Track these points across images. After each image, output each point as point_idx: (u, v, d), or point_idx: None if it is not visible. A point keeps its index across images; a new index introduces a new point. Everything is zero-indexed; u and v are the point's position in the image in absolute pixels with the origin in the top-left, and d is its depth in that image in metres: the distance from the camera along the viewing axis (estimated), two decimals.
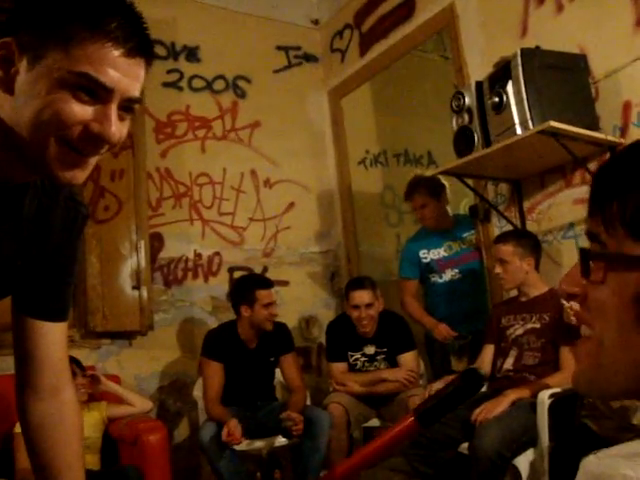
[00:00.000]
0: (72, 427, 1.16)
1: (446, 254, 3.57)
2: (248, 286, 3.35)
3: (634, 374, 0.55)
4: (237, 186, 4.25)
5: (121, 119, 0.88)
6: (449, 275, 3.54)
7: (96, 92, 0.83)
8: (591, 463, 0.43)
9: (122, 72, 0.84)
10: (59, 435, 1.14)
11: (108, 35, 0.82)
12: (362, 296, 3.38)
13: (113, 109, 0.85)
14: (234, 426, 2.92)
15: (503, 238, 2.93)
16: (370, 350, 3.48)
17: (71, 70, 0.81)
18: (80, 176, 0.89)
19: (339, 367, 3.48)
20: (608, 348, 0.57)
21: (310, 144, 4.59)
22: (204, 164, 4.16)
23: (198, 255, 4.05)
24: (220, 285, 4.03)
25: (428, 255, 3.59)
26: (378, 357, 3.47)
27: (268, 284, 3.40)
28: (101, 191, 3.51)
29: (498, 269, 2.89)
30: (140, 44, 0.86)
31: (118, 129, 0.87)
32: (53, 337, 1.12)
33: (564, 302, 2.47)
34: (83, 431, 1.22)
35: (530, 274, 2.85)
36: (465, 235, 3.59)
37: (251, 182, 4.31)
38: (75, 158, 0.87)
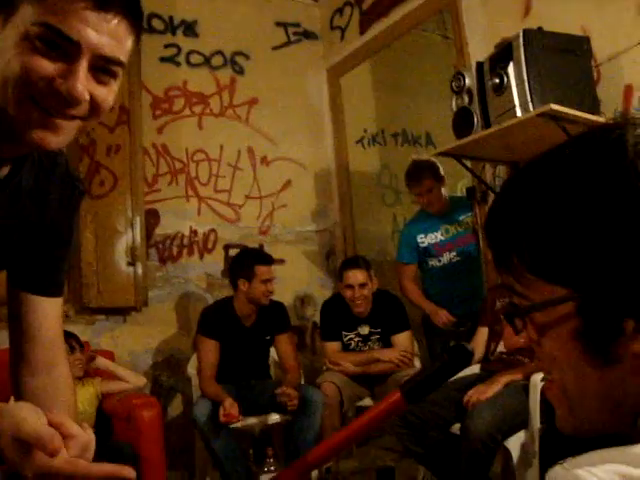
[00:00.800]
0: (66, 402, 1.16)
1: (443, 238, 3.56)
2: (248, 261, 3.35)
3: (604, 407, 0.55)
4: (234, 163, 4.23)
5: (99, 82, 0.83)
6: (447, 258, 3.55)
7: (61, 46, 0.79)
8: (557, 473, 0.43)
9: (91, 26, 0.78)
10: (52, 410, 1.13)
11: None
12: (356, 276, 3.39)
13: (81, 66, 0.80)
14: (230, 405, 2.94)
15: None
16: (364, 330, 3.48)
17: (34, 21, 0.77)
18: (52, 140, 0.84)
19: (333, 346, 3.49)
20: (571, 391, 0.56)
21: (308, 122, 4.55)
22: (201, 140, 4.13)
23: (194, 232, 4.03)
24: (215, 262, 4.03)
25: (425, 239, 3.59)
26: (372, 337, 3.48)
27: (268, 260, 3.40)
28: (96, 166, 3.48)
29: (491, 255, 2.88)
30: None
31: (88, 88, 0.81)
32: (48, 312, 1.11)
33: None
34: (77, 407, 1.22)
35: None
36: (462, 217, 3.59)
37: (248, 159, 4.28)
38: (42, 117, 0.82)
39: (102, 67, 0.82)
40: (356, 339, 3.49)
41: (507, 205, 0.56)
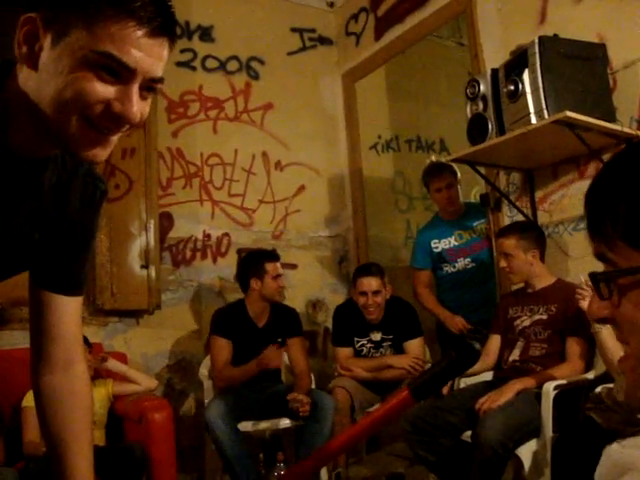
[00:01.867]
0: (83, 401, 1.18)
1: (457, 243, 3.56)
2: (256, 260, 3.38)
3: None
4: (248, 168, 4.25)
5: (143, 98, 0.88)
6: (461, 265, 3.54)
7: (118, 72, 0.83)
8: (615, 451, 0.43)
9: (145, 52, 0.83)
10: (69, 407, 1.15)
11: (132, 14, 0.81)
12: (370, 283, 3.38)
13: (135, 89, 0.85)
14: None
15: (505, 232, 2.91)
16: (376, 336, 3.48)
17: (94, 50, 0.80)
18: (102, 154, 0.89)
19: (345, 352, 3.48)
20: None
21: (322, 127, 4.56)
22: (215, 145, 4.15)
23: (207, 236, 4.05)
24: (228, 266, 4.04)
25: (439, 245, 3.58)
26: (384, 344, 3.47)
27: (275, 256, 3.44)
28: (112, 169, 3.51)
29: (503, 263, 2.87)
30: (164, 24, 0.85)
31: (139, 109, 0.87)
32: (68, 311, 1.13)
33: (581, 278, 2.44)
34: (93, 405, 1.24)
35: (535, 266, 2.83)
36: (475, 224, 3.58)
37: (262, 164, 4.30)
38: (96, 136, 0.86)
39: (148, 86, 0.87)
40: (368, 345, 3.48)
41: (608, 178, 0.59)
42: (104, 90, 0.83)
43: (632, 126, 2.76)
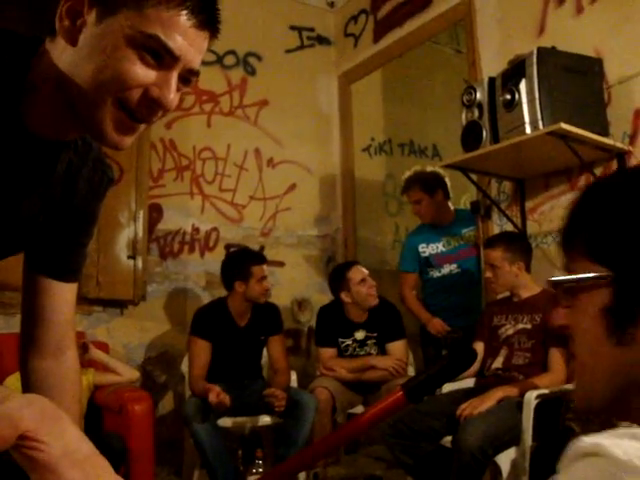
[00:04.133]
0: (72, 387, 1.17)
1: (444, 249, 3.58)
2: (242, 262, 3.34)
3: (611, 385, 0.62)
4: (240, 163, 4.24)
5: (177, 89, 0.88)
6: (447, 270, 3.56)
7: (162, 57, 0.83)
8: (578, 441, 0.45)
9: (189, 42, 0.84)
10: (59, 394, 1.14)
11: (184, 3, 0.82)
12: (362, 269, 3.45)
13: (175, 76, 0.85)
14: (219, 391, 2.93)
15: (492, 243, 2.91)
16: (360, 335, 3.48)
17: (142, 31, 0.81)
18: (127, 141, 0.89)
19: (328, 352, 3.48)
20: (587, 365, 0.65)
21: (316, 127, 4.56)
22: (209, 139, 4.14)
23: (196, 229, 4.04)
24: (216, 261, 4.01)
25: (427, 250, 3.60)
26: (368, 342, 3.48)
27: (261, 259, 3.40)
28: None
29: (488, 273, 2.88)
30: (210, 18, 0.86)
31: (175, 97, 0.87)
32: (63, 297, 1.12)
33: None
34: (82, 393, 1.23)
35: (520, 277, 2.84)
36: (464, 231, 3.60)
37: (254, 160, 4.29)
38: (129, 123, 0.86)
39: (184, 77, 0.88)
40: (353, 344, 3.49)
41: (587, 201, 0.67)
42: (145, 74, 0.83)
43: (624, 141, 2.79)
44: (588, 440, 0.50)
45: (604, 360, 0.62)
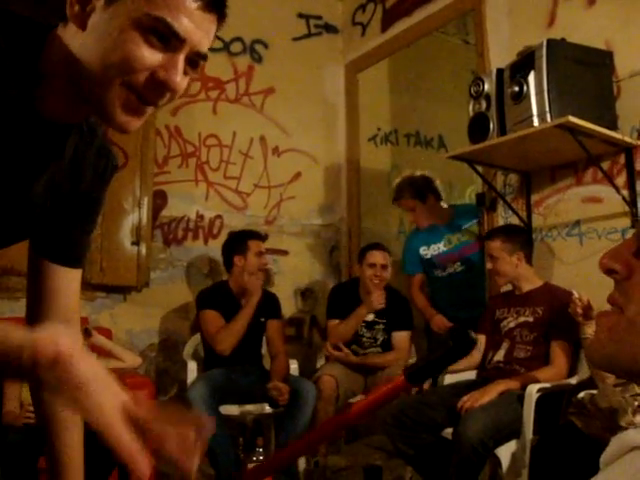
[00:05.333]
0: None
1: (446, 249, 3.57)
2: (240, 238, 3.44)
3: None
4: (245, 151, 4.23)
5: (185, 73, 0.88)
6: (452, 269, 3.56)
7: (168, 39, 0.84)
8: (628, 435, 0.42)
9: (196, 24, 0.85)
10: None
11: None
12: (379, 256, 3.50)
13: (181, 58, 0.86)
14: None
15: (491, 234, 2.94)
16: (369, 316, 3.51)
17: (148, 13, 0.82)
18: (135, 124, 0.89)
19: (336, 322, 3.54)
20: (633, 315, 0.57)
21: (322, 116, 4.54)
22: (214, 126, 4.13)
23: (200, 216, 4.04)
24: (219, 248, 4.01)
25: (428, 251, 3.61)
26: (376, 326, 3.52)
27: (258, 235, 3.50)
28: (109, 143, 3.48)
29: (489, 264, 2.90)
30: (215, 1, 0.87)
31: (182, 80, 0.87)
32: (68, 282, 1.12)
33: (574, 293, 2.46)
34: None
35: (521, 268, 2.84)
36: (466, 225, 3.58)
37: (260, 148, 4.28)
38: (136, 104, 0.87)
39: (192, 60, 0.88)
40: (361, 324, 3.51)
41: None
42: (151, 56, 0.83)
43: (633, 135, 2.76)
44: (633, 434, 0.46)
45: None
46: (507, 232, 2.91)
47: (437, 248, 3.59)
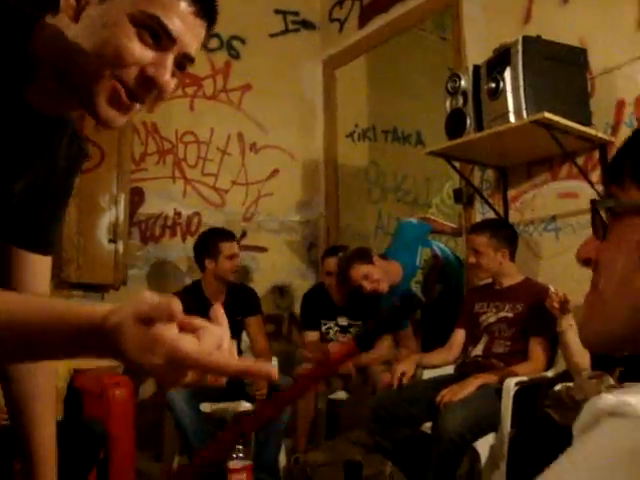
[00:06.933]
0: (48, 366, 1.16)
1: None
2: (211, 239, 3.35)
3: (631, 318, 0.59)
4: (223, 148, 4.21)
5: (172, 74, 0.90)
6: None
7: (160, 38, 0.86)
8: (602, 401, 0.42)
9: (187, 26, 0.88)
10: (35, 373, 1.13)
11: None
12: (335, 263, 3.45)
13: (171, 58, 0.88)
14: None
15: (478, 229, 2.92)
16: (343, 321, 3.50)
17: (144, 10, 0.84)
18: (120, 119, 0.90)
19: (311, 336, 3.51)
20: (608, 296, 0.61)
21: (300, 112, 4.54)
22: (191, 122, 4.11)
23: (178, 214, 4.01)
24: None
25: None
26: (351, 329, 3.50)
27: (231, 236, 3.40)
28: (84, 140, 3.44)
29: (472, 259, 2.89)
30: (209, 8, 0.92)
31: (170, 79, 0.90)
32: (38, 270, 1.11)
33: (551, 288, 2.50)
34: (61, 375, 1.23)
35: (504, 265, 2.85)
36: (418, 263, 3.46)
37: (237, 145, 4.27)
38: (124, 100, 0.88)
39: (180, 62, 0.91)
40: (335, 329, 3.51)
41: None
42: (142, 52, 0.86)
43: (607, 132, 2.81)
44: (612, 398, 0.46)
45: (632, 293, 0.59)
46: (494, 228, 2.90)
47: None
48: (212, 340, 0.70)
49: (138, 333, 0.63)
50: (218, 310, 0.75)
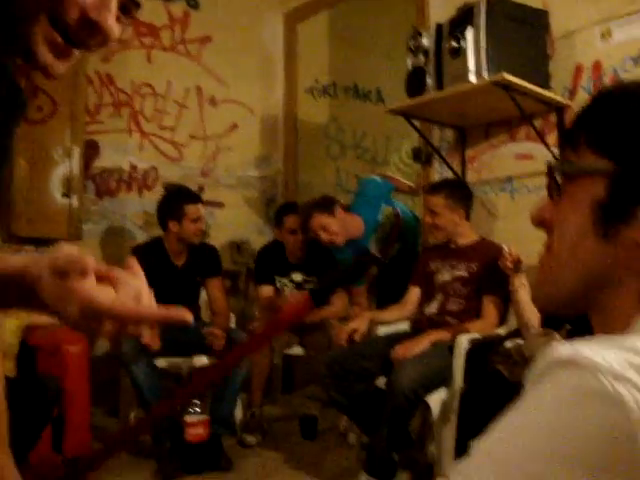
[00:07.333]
0: None
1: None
2: (176, 201, 3.29)
3: (580, 274, 0.62)
4: (181, 101, 4.12)
5: (118, 20, 0.84)
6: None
7: None
8: (556, 350, 0.44)
9: None
10: None
11: None
12: (294, 220, 3.44)
13: (114, 2, 0.82)
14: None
15: (435, 189, 2.93)
16: (297, 277, 3.52)
17: None
18: (60, 67, 0.84)
19: (266, 290, 3.52)
20: (560, 256, 0.64)
21: (260, 66, 4.46)
22: (148, 74, 4.00)
23: (134, 167, 3.93)
24: (154, 200, 3.89)
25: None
26: (306, 285, 3.52)
27: (196, 198, 3.36)
28: (34, 89, 3.31)
29: (428, 219, 2.91)
30: None
31: (115, 24, 0.84)
32: None
33: (504, 247, 2.55)
34: (9, 332, 1.20)
35: (460, 225, 2.88)
36: (379, 218, 3.46)
37: (196, 98, 4.18)
38: (62, 45, 0.82)
39: (124, 5, 0.85)
40: (290, 285, 3.52)
41: (598, 97, 0.66)
42: None
43: (565, 95, 2.84)
44: (568, 348, 0.48)
45: (583, 254, 0.62)
46: (451, 188, 2.91)
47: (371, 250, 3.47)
48: (129, 291, 0.73)
49: (53, 284, 0.67)
50: (132, 262, 0.76)
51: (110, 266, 0.76)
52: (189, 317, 0.72)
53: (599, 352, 0.46)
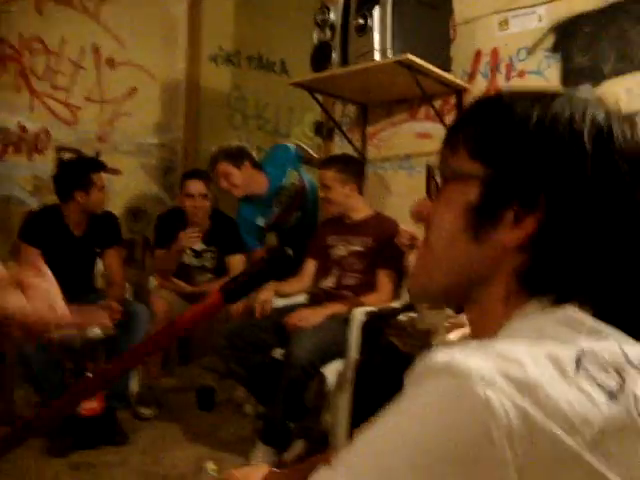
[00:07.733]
0: None
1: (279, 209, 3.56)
2: (82, 170, 3.15)
3: (453, 271, 0.66)
4: (76, 60, 3.90)
5: None
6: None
7: None
8: (435, 356, 0.47)
9: None
10: None
11: None
12: (198, 185, 3.41)
13: None
14: None
15: (327, 164, 2.99)
16: (198, 246, 3.48)
17: None
18: None
19: (163, 252, 3.47)
20: (436, 254, 0.67)
21: (163, 29, 4.29)
22: (39, 28, 3.74)
23: (22, 128, 3.70)
24: (45, 164, 3.74)
25: (265, 219, 3.55)
26: (205, 254, 3.50)
27: (101, 166, 3.27)
28: None
29: (322, 193, 2.98)
30: None
31: None
32: None
33: (401, 225, 2.63)
34: None
35: (352, 199, 2.95)
36: (284, 182, 3.52)
37: (92, 59, 3.96)
38: None
39: None
40: (189, 253, 3.48)
41: (470, 110, 0.69)
42: None
43: (464, 78, 2.94)
44: (441, 355, 0.51)
45: (456, 253, 0.65)
46: (342, 163, 2.97)
47: (269, 218, 3.54)
48: (42, 295, 0.74)
49: None
50: (39, 262, 0.74)
51: (17, 269, 0.73)
52: (107, 323, 0.72)
53: (472, 359, 0.49)
